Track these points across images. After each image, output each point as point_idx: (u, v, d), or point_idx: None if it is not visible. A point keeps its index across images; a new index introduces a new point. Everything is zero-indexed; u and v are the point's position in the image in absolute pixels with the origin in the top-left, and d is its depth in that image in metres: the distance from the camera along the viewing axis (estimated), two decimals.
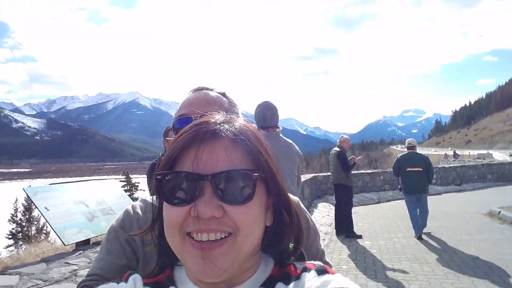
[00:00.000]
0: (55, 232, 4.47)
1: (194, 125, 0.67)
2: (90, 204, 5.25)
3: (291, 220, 0.72)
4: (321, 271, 0.66)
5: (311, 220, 1.16)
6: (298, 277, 0.66)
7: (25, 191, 4.75)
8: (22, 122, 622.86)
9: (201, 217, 0.59)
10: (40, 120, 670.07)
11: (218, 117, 0.69)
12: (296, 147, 3.31)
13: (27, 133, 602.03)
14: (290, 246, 0.74)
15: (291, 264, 0.71)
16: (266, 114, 3.21)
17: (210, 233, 0.60)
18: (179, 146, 0.64)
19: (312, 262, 0.71)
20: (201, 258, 0.60)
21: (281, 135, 3.27)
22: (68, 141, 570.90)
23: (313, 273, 0.66)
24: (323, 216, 9.98)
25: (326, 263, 0.99)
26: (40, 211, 4.51)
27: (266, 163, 0.67)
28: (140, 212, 1.06)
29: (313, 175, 13.61)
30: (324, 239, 7.70)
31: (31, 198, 4.57)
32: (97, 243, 4.88)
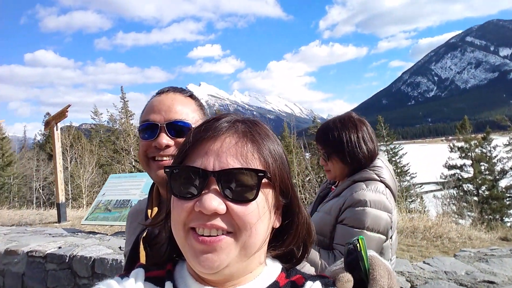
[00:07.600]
0: None
1: (206, 121, 0.69)
2: None
3: (298, 223, 0.71)
4: (328, 284, 0.64)
5: None
6: (302, 285, 0.65)
7: None
8: None
9: (204, 212, 0.61)
10: None
11: (232, 115, 0.71)
12: None
13: None
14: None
15: (299, 273, 0.70)
16: None
17: (212, 229, 0.61)
18: (190, 140, 0.67)
19: (325, 274, 0.69)
20: (201, 252, 0.61)
21: None
22: None
23: (318, 283, 0.64)
24: None
25: None
26: None
27: (275, 164, 0.66)
28: (130, 220, 1.23)
29: None
30: None
31: None
32: None
